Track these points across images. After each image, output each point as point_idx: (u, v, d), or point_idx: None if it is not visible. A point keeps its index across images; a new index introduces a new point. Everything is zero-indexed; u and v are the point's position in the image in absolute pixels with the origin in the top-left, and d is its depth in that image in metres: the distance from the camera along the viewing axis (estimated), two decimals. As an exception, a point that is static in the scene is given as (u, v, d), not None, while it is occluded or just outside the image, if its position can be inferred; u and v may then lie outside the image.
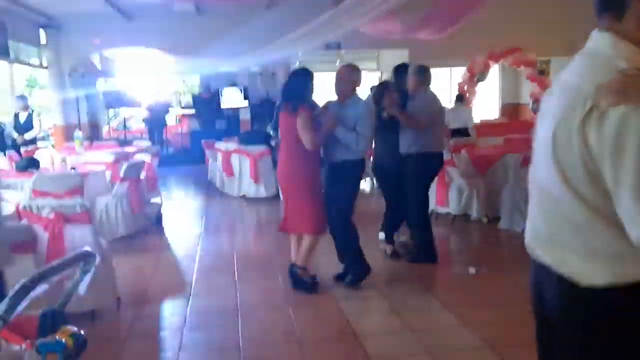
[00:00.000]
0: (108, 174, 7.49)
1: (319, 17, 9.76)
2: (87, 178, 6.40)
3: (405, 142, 5.25)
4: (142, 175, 7.18)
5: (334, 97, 4.75)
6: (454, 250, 6.14)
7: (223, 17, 12.98)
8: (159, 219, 7.35)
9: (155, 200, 8.74)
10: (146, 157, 7.73)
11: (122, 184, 6.53)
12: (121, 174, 6.56)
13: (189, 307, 4.41)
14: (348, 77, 4.57)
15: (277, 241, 6.43)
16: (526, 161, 6.09)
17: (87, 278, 2.05)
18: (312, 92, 4.57)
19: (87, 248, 2.09)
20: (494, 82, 16.87)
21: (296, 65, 15.17)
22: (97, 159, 7.61)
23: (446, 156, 6.72)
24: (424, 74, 5.41)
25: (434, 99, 5.41)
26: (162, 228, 7.23)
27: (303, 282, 4.61)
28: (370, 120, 4.55)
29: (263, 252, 6.11)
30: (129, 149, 9.19)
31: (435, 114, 5.32)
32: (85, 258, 2.01)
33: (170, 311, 4.41)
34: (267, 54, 11.18)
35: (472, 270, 5.05)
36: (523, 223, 5.88)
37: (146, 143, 10.26)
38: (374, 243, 5.70)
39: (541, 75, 13.49)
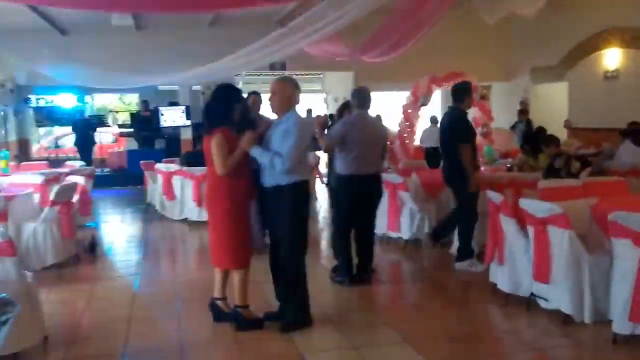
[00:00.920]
0: (36, 196, 6.93)
1: (263, 37, 9.55)
2: (12, 201, 5.85)
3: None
4: (75, 198, 6.64)
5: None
6: (408, 278, 5.93)
7: (164, 33, 12.57)
8: (93, 245, 6.81)
9: (89, 224, 8.20)
10: (79, 179, 7.19)
11: (52, 208, 6.00)
12: (51, 197, 6.03)
13: (126, 348, 3.97)
14: (280, 91, 4.09)
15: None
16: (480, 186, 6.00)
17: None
18: (238, 111, 4.14)
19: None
20: (436, 107, 17.13)
21: (240, 84, 14.92)
22: (24, 181, 7.01)
23: (395, 179, 6.59)
24: (356, 96, 5.36)
25: (352, 121, 5.27)
26: (97, 255, 6.70)
27: (247, 322, 4.19)
28: (295, 138, 3.93)
29: (208, 280, 5.68)
30: (60, 170, 8.59)
31: (349, 136, 5.13)
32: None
33: (105, 351, 3.94)
34: (209, 72, 10.82)
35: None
36: (475, 248, 5.80)
37: (79, 163, 9.65)
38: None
39: (482, 100, 13.71)
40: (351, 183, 5.22)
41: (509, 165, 7.18)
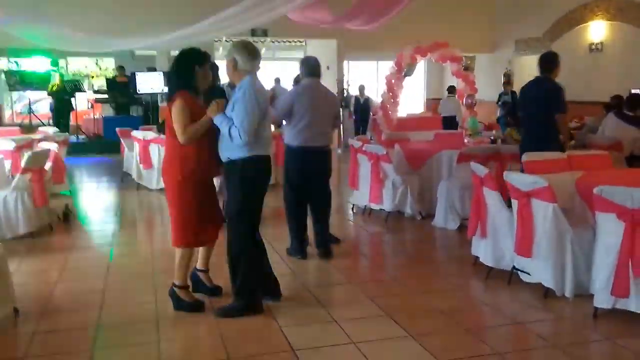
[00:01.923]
0: (8, 163, 6.71)
1: (245, 1, 9.28)
2: (-20, 168, 5.64)
3: None
4: (48, 166, 6.43)
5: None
6: (389, 251, 5.87)
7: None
8: (66, 214, 6.63)
9: (63, 193, 7.99)
10: (52, 146, 6.95)
11: (24, 176, 5.81)
12: (23, 164, 5.82)
13: (100, 320, 3.85)
14: (228, 59, 3.83)
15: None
16: (462, 158, 5.93)
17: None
18: (202, 77, 3.86)
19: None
20: (419, 77, 16.99)
21: (220, 51, 14.56)
22: (-6, 147, 6.78)
23: (378, 150, 6.47)
24: (303, 65, 5.21)
25: (299, 91, 5.11)
26: (71, 225, 6.52)
27: (182, 303, 4.00)
28: (243, 108, 3.60)
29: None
30: (33, 136, 8.32)
31: (296, 106, 4.97)
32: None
33: (78, 324, 3.81)
34: (187, 36, 10.51)
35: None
36: (457, 221, 5.76)
37: (53, 129, 9.37)
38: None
39: (466, 71, 13.60)
40: (300, 155, 5.04)
41: (492, 138, 7.11)
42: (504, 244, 4.45)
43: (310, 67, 5.14)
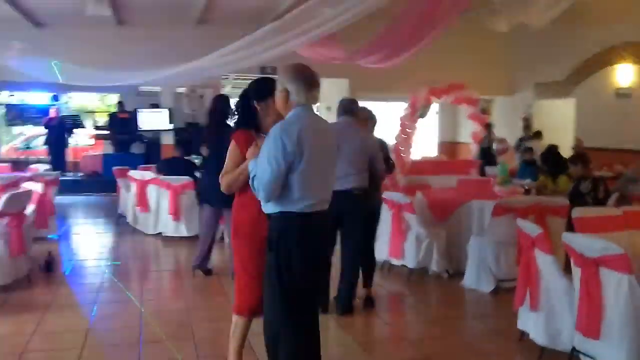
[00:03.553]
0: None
1: (252, 34, 8.76)
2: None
3: None
4: (29, 209, 5.73)
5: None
6: (414, 316, 5.08)
7: (146, 29, 11.69)
8: (49, 263, 5.90)
9: (50, 237, 7.29)
10: (37, 186, 6.26)
11: (0, 220, 5.10)
12: (-1, 207, 5.13)
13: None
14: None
15: (200, 296, 5.23)
16: (499, 210, 5.21)
17: None
18: (264, 112, 3.29)
19: None
20: (432, 120, 16.41)
21: (227, 88, 14.06)
22: (-26, 186, 6.11)
23: (400, 199, 5.77)
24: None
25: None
26: (53, 276, 5.78)
27: None
28: (267, 154, 2.78)
29: (181, 312, 4.81)
30: (20, 174, 7.67)
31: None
32: None
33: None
34: (193, 72, 9.97)
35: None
36: (492, 282, 4.98)
37: (45, 167, 8.72)
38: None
39: (483, 114, 13.01)
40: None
41: (526, 188, 6.39)
42: (561, 320, 3.68)
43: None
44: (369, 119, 5.13)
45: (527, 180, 7.16)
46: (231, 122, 5.70)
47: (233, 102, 5.78)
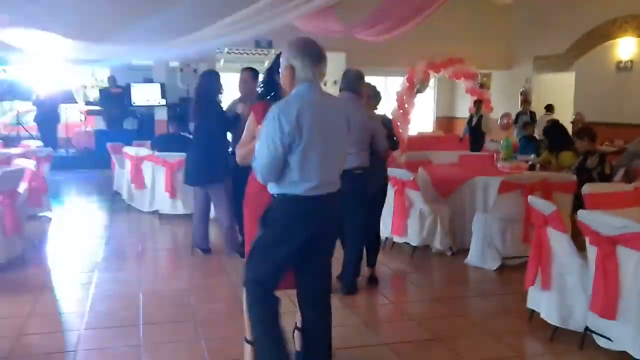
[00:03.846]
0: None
1: (246, 8, 8.52)
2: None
3: None
4: (22, 187, 5.55)
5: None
6: (418, 296, 4.98)
7: (139, 2, 11.37)
8: (41, 242, 5.74)
9: (43, 215, 7.13)
10: (29, 163, 6.07)
11: (-8, 199, 4.94)
12: (-10, 186, 4.95)
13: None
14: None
15: (199, 275, 5.11)
16: (506, 187, 5.10)
17: None
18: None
19: None
20: (429, 95, 16.22)
21: (221, 62, 13.79)
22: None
23: (403, 175, 5.63)
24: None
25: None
26: (45, 255, 5.64)
27: None
28: (265, 133, 2.66)
29: (181, 292, 4.69)
30: (12, 150, 7.46)
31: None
32: None
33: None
34: (187, 45, 9.72)
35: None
36: (497, 260, 4.88)
37: (37, 143, 8.51)
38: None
39: (481, 89, 12.83)
40: None
41: (530, 163, 6.27)
42: (574, 299, 3.59)
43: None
44: (373, 96, 4.96)
45: (532, 155, 7.02)
46: (220, 99, 5.56)
47: (232, 77, 5.62)
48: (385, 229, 5.86)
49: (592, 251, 3.42)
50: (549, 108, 11.36)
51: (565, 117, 10.86)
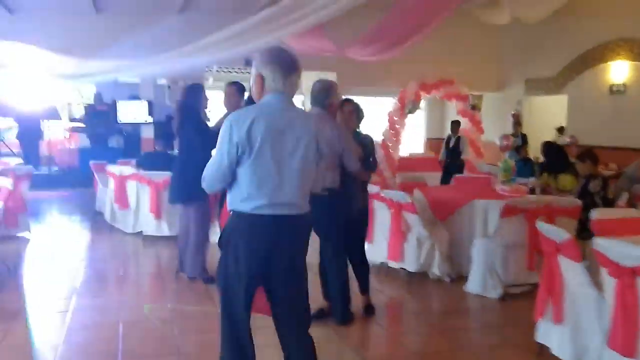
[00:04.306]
0: (-52, 202, 5.52)
1: (236, 24, 8.35)
2: None
3: None
4: (-3, 207, 5.24)
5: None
6: (416, 324, 4.70)
7: (126, 17, 11.14)
8: (17, 265, 5.40)
9: (21, 235, 6.79)
10: (4, 182, 5.75)
11: (-37, 219, 4.63)
12: (-39, 205, 4.64)
13: None
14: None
15: (184, 303, 4.80)
16: (509, 211, 4.87)
17: None
18: None
19: None
20: (420, 116, 16.09)
21: (210, 80, 13.55)
22: None
23: (400, 198, 5.39)
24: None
25: None
26: (21, 279, 5.30)
27: None
28: (219, 142, 2.58)
29: (164, 322, 4.37)
30: (-11, 168, 7.13)
31: None
32: None
33: None
34: (175, 62, 9.49)
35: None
36: (499, 288, 4.64)
37: (17, 161, 8.18)
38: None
39: (473, 110, 12.72)
40: None
41: (530, 187, 6.07)
42: (589, 335, 3.34)
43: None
44: (355, 112, 4.51)
45: (529, 178, 6.83)
46: (206, 113, 5.32)
47: (221, 95, 5.37)
48: (381, 253, 5.61)
49: (609, 282, 3.18)
50: (561, 130, 11.18)
51: (557, 140, 10.73)
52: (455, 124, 11.14)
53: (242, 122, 2.47)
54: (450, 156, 10.79)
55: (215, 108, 7.94)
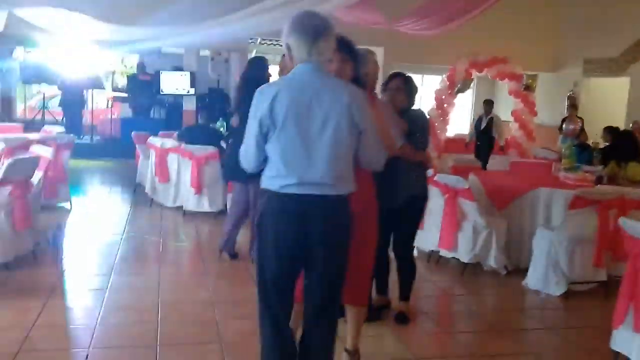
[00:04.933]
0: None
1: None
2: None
3: None
4: (37, 176, 5.08)
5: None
6: (471, 319, 4.37)
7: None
8: (56, 237, 5.27)
9: (61, 205, 6.69)
10: (45, 151, 5.60)
11: (2, 189, 4.47)
12: (1, 174, 4.49)
13: None
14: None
15: (227, 285, 4.58)
16: (578, 202, 4.46)
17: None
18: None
19: None
20: (467, 96, 15.50)
21: (253, 52, 13.28)
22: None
23: (456, 183, 5.03)
24: None
25: None
26: (60, 253, 5.17)
27: None
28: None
29: (205, 305, 4.16)
30: (31, 136, 7.03)
31: None
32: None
33: None
34: (219, 33, 9.23)
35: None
36: (563, 285, 4.20)
37: (59, 129, 8.09)
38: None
39: (526, 91, 12.08)
40: None
41: (597, 175, 5.60)
42: (679, 348, 2.97)
43: None
44: (403, 88, 3.83)
45: (599, 167, 6.32)
46: None
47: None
48: (431, 240, 5.28)
49: None
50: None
51: (617, 125, 10.06)
52: (489, 104, 10.57)
53: (265, 96, 2.32)
54: (480, 138, 10.25)
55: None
